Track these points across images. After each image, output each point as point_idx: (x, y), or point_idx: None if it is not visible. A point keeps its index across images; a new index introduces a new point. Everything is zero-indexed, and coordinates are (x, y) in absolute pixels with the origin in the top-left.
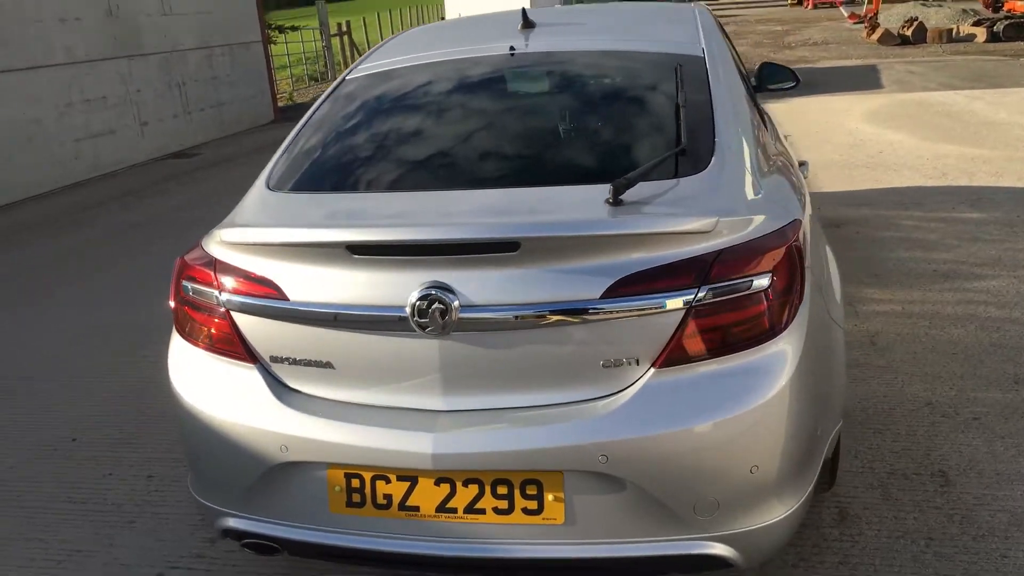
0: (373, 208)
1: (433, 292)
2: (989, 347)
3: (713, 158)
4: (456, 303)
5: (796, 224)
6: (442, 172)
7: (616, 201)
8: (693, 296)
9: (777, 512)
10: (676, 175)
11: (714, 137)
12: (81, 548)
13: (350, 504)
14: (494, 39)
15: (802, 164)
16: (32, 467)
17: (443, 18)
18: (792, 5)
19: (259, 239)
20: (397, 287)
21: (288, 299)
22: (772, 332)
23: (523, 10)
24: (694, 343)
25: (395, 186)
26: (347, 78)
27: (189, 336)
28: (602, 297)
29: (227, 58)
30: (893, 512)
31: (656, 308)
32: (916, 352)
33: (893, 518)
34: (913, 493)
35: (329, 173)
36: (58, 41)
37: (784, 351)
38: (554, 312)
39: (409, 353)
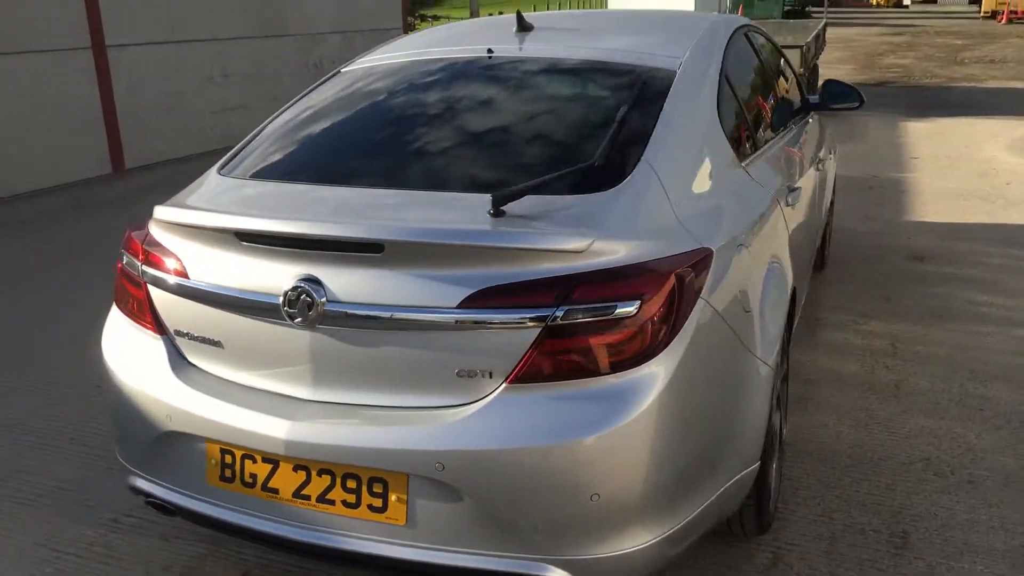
0: (279, 197)
1: (303, 285)
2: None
3: (630, 177)
4: (323, 298)
5: (693, 253)
6: (355, 168)
7: (496, 212)
8: (550, 315)
9: (629, 544)
10: (579, 191)
11: (641, 156)
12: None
13: (223, 478)
14: (488, 41)
15: (793, 190)
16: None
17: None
18: (984, 18)
19: (169, 218)
20: (275, 276)
21: (189, 277)
22: (635, 360)
23: (518, 12)
24: (548, 362)
25: (308, 179)
26: (335, 72)
27: (119, 303)
28: (459, 307)
29: (365, 42)
30: (830, 568)
31: (513, 323)
32: (939, 403)
33: (828, 574)
34: (862, 551)
35: (265, 162)
36: (206, 18)
37: (645, 382)
38: (411, 317)
39: (282, 341)
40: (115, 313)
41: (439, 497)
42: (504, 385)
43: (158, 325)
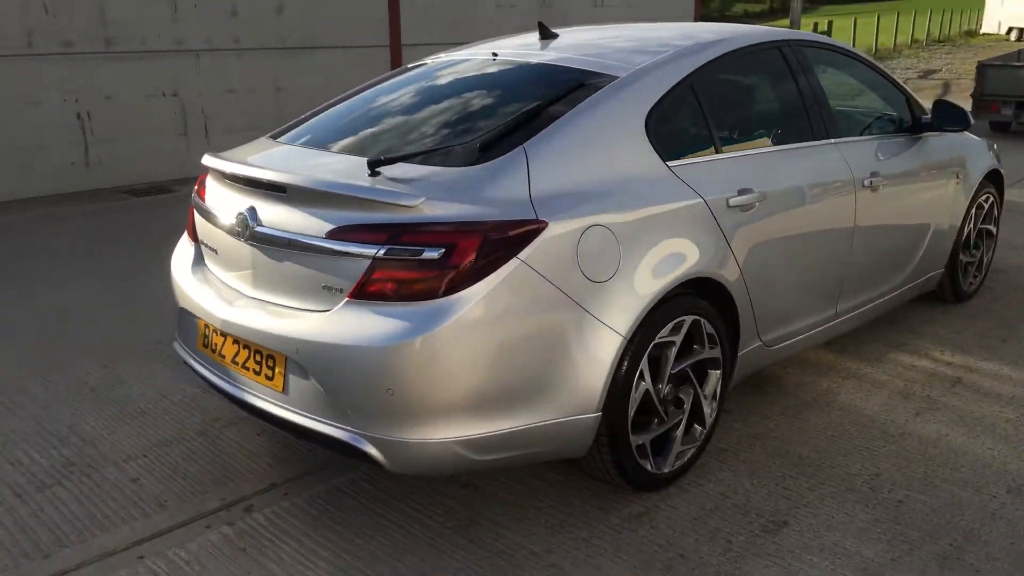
0: (271, 154)
1: (245, 212)
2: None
3: (500, 159)
4: (255, 222)
5: (519, 223)
6: (321, 136)
7: (372, 173)
8: (377, 251)
9: (425, 436)
10: (451, 165)
11: (522, 143)
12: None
13: (203, 345)
14: (516, 46)
15: (743, 192)
16: None
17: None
18: None
19: (203, 162)
20: (236, 205)
21: (205, 202)
22: (432, 295)
23: (539, 23)
24: (374, 286)
25: (304, 143)
26: (398, 70)
27: (187, 224)
28: (326, 236)
29: None
30: (694, 533)
31: (355, 253)
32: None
33: (687, 538)
34: (732, 527)
35: (292, 130)
36: (499, 25)
37: (434, 312)
38: (297, 240)
39: (237, 251)
40: (185, 236)
41: (300, 374)
42: (346, 299)
43: (194, 236)
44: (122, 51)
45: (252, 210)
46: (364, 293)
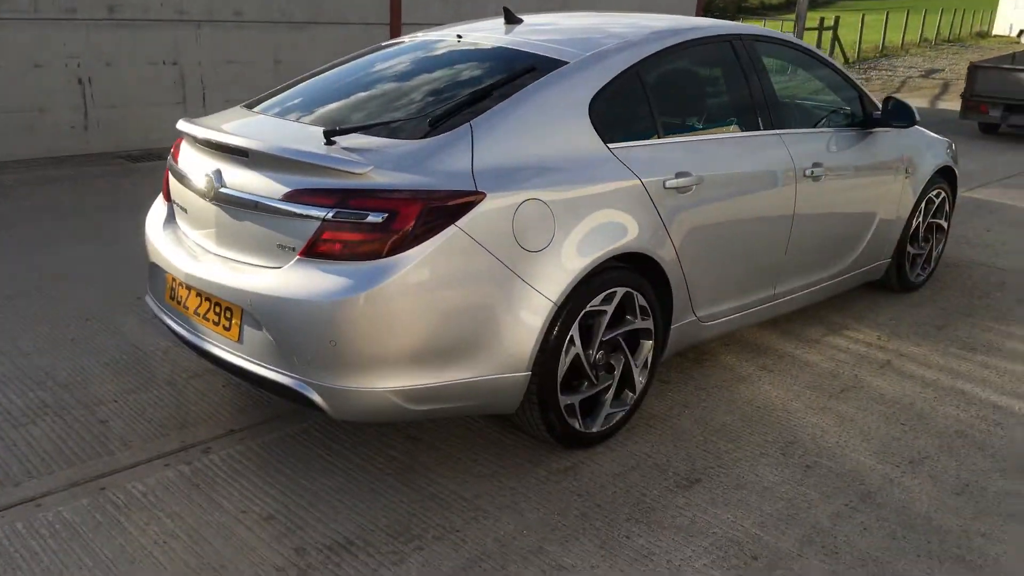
0: (239, 121)
1: (211, 174)
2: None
3: (448, 133)
4: (220, 183)
5: (458, 193)
6: (290, 107)
7: (328, 142)
8: (326, 213)
9: (364, 385)
10: (402, 137)
11: (469, 119)
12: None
13: (170, 297)
14: (481, 29)
15: (681, 175)
16: None
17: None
18: None
19: (179, 127)
20: (204, 167)
21: (178, 164)
22: (374, 255)
23: (504, 9)
24: (322, 246)
25: (271, 112)
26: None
27: (163, 184)
28: (281, 199)
29: None
30: (613, 486)
31: (306, 215)
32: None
33: (608, 491)
34: (648, 482)
35: (267, 100)
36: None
37: (375, 272)
38: (256, 200)
39: (204, 210)
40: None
41: (253, 325)
42: (297, 257)
43: (168, 196)
44: (124, 18)
45: (218, 172)
46: (313, 252)
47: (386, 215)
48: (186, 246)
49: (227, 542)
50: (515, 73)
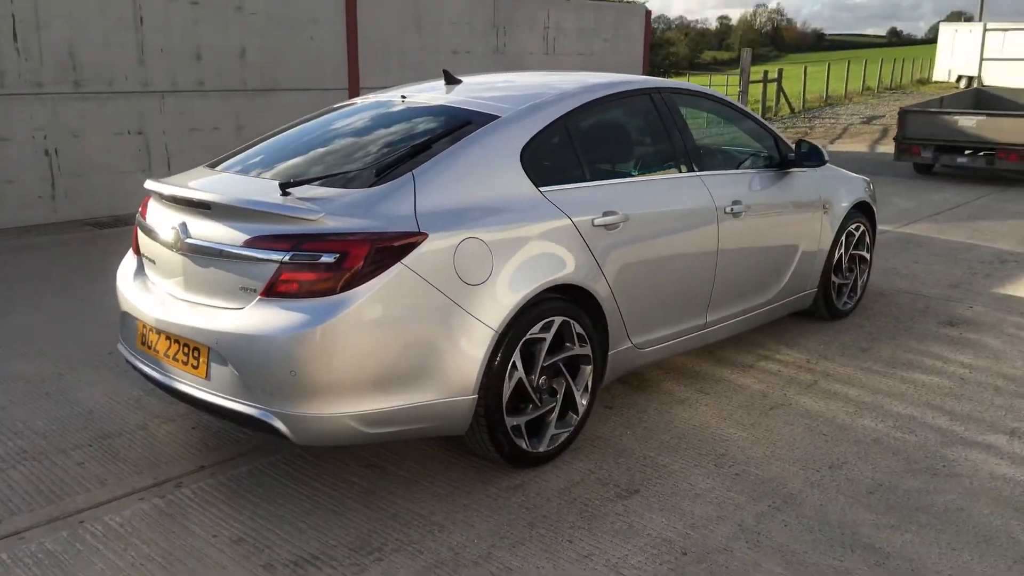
0: (201, 178)
1: (178, 227)
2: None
3: (392, 182)
4: (186, 235)
5: (403, 235)
6: (249, 164)
7: (284, 193)
8: (283, 256)
9: (324, 411)
10: (351, 186)
11: (411, 169)
12: None
13: (142, 343)
14: (424, 90)
15: (607, 214)
16: None
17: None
18: None
19: (146, 186)
20: (170, 220)
21: (145, 220)
22: (329, 292)
23: (444, 71)
24: (281, 286)
25: (230, 169)
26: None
27: (132, 242)
28: (242, 245)
29: None
30: (559, 500)
31: (265, 259)
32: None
33: (553, 503)
34: (592, 495)
35: (226, 158)
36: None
37: (329, 307)
38: (219, 248)
39: (171, 261)
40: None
41: (220, 362)
42: (258, 298)
43: (137, 250)
44: (90, 91)
45: (184, 225)
46: (273, 292)
47: (337, 256)
48: (155, 294)
49: (200, 562)
50: (453, 127)
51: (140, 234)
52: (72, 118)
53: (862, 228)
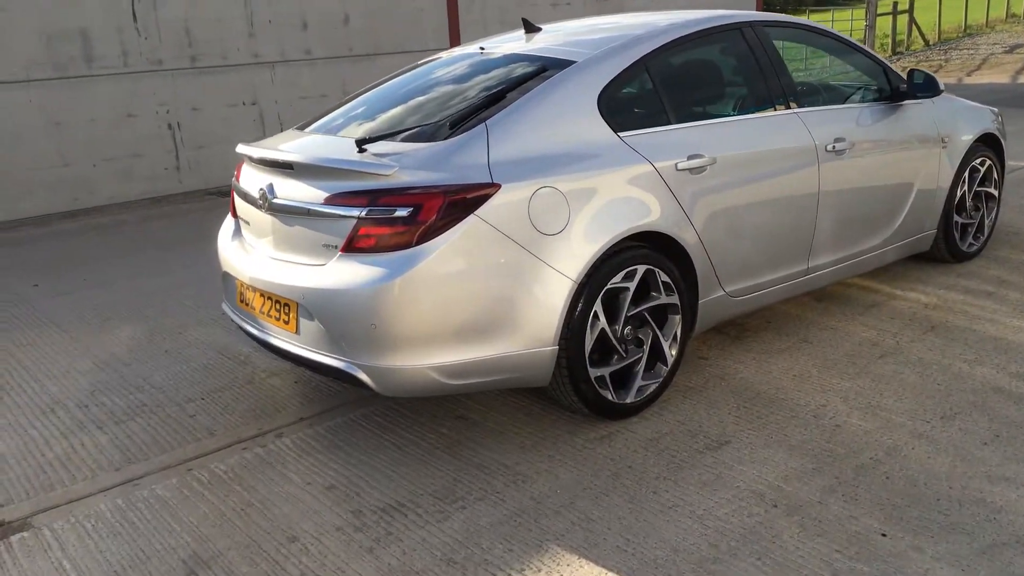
0: (290, 139)
1: (265, 187)
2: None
3: (464, 134)
4: (273, 195)
5: (476, 186)
6: (333, 125)
7: (360, 150)
8: (360, 212)
9: (404, 363)
10: (424, 140)
11: (485, 119)
12: None
13: (241, 301)
14: (503, 41)
15: (693, 157)
16: None
17: None
18: None
19: (238, 150)
20: (259, 182)
21: (240, 183)
22: (404, 246)
23: (523, 20)
24: (359, 241)
25: (318, 130)
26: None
27: (230, 205)
28: (323, 203)
29: None
30: (644, 452)
31: (344, 215)
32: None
33: (639, 456)
34: (680, 447)
35: (315, 119)
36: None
37: (406, 260)
38: (303, 207)
39: (262, 221)
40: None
41: (307, 317)
42: (339, 254)
43: (235, 212)
44: (206, 66)
45: (270, 186)
46: (352, 248)
47: (411, 209)
48: (250, 254)
49: (294, 508)
50: (528, 75)
51: (236, 197)
52: (191, 92)
53: (988, 163)
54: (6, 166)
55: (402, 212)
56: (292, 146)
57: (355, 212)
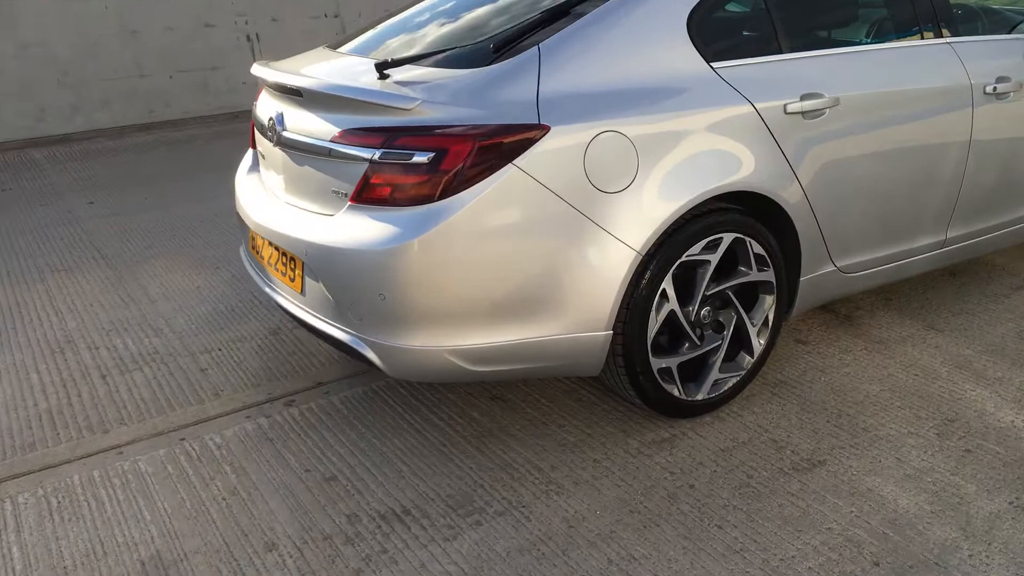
0: (309, 60)
1: (274, 116)
2: None
3: (510, 60)
4: (281, 126)
5: (517, 128)
6: (368, 43)
7: (381, 76)
8: (372, 154)
9: (417, 343)
10: (461, 66)
11: (538, 41)
12: None
13: (252, 247)
14: None
15: (808, 97)
16: None
17: None
18: None
19: (252, 71)
20: (271, 109)
21: (256, 110)
22: (424, 199)
23: None
24: (372, 190)
25: (346, 51)
26: None
27: (250, 135)
28: (332, 140)
29: None
30: (713, 463)
31: (355, 156)
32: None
33: (707, 468)
34: (756, 460)
35: (351, 40)
36: None
37: (426, 217)
38: (311, 143)
39: (273, 155)
40: None
41: (312, 277)
42: (348, 203)
43: (253, 144)
44: None
45: (280, 115)
46: (363, 197)
47: (433, 155)
48: (262, 194)
49: (283, 502)
50: None
51: (255, 126)
52: (271, 2)
53: None
54: (83, 75)
55: (421, 157)
56: (306, 68)
57: (367, 154)
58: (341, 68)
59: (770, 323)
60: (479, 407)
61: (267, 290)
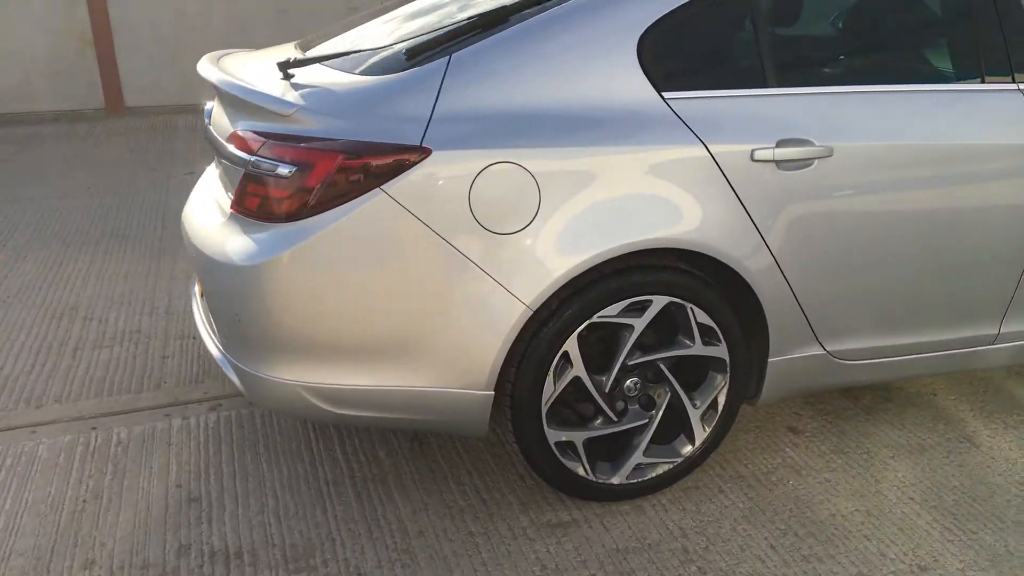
0: (246, 60)
1: (207, 109)
2: None
3: (417, 69)
4: (208, 123)
5: (390, 147)
6: (330, 43)
7: (285, 76)
8: (248, 161)
9: (271, 373)
10: (369, 72)
11: (450, 52)
12: None
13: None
14: None
15: (786, 143)
16: None
17: None
18: None
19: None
20: (209, 103)
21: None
22: (282, 217)
23: None
24: (245, 199)
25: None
26: None
27: None
28: (225, 141)
29: None
30: (606, 566)
31: (238, 160)
32: None
33: (597, 563)
34: (659, 569)
35: (313, 43)
36: None
37: (285, 238)
38: (215, 143)
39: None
40: None
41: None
42: (230, 212)
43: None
44: None
45: (209, 111)
46: (240, 207)
47: (295, 168)
48: (203, 186)
49: (133, 517)
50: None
51: None
52: None
53: None
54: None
55: (284, 170)
56: (238, 64)
57: (245, 159)
58: (263, 65)
59: (719, 407)
60: (390, 446)
61: (191, 289)
